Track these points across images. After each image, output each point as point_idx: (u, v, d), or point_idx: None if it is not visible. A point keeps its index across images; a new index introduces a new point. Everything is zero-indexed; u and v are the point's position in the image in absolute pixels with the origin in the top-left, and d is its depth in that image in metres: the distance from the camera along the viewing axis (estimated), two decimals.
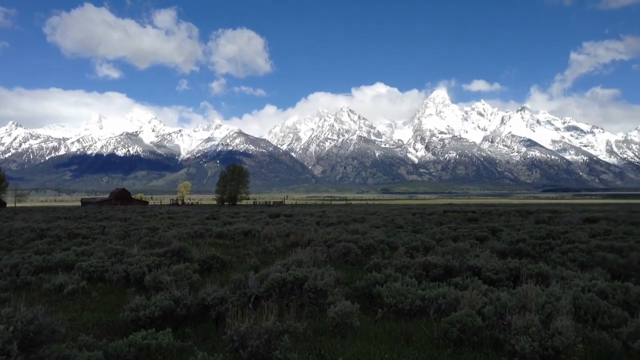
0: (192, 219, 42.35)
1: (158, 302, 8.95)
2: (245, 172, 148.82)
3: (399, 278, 11.21)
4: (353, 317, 8.47)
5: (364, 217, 43.04)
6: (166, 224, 33.52)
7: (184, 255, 15.87)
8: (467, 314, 7.85)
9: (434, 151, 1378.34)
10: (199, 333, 8.72)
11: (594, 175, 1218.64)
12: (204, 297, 9.45)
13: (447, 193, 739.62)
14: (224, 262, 15.28)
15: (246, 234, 25.83)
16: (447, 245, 17.83)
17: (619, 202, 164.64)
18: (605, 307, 8.55)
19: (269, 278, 10.34)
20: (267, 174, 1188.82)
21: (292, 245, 20.37)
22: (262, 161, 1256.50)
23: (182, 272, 12.16)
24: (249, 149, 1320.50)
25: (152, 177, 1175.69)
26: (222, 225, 32.40)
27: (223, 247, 21.01)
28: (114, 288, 12.58)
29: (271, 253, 19.04)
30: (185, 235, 24.44)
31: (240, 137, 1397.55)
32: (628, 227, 26.86)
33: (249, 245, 21.71)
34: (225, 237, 24.77)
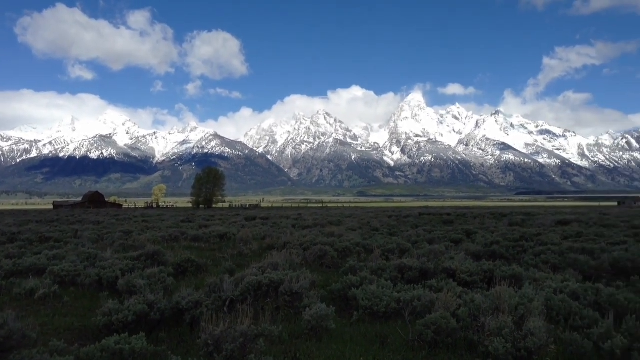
0: (167, 222, 41.95)
1: (131, 307, 8.83)
2: (221, 174, 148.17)
3: (375, 281, 11.24)
4: (329, 320, 8.46)
5: (340, 220, 43.09)
6: (140, 227, 33.13)
7: (158, 259, 15.69)
8: (442, 316, 7.89)
9: (409, 154, 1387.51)
10: (173, 337, 8.62)
11: (566, 178, 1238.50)
12: (178, 301, 9.35)
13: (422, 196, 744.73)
14: (199, 265, 15.16)
15: (222, 237, 25.66)
16: (423, 248, 17.92)
17: (590, 205, 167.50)
18: (577, 308, 8.67)
19: (245, 281, 10.28)
20: (243, 177, 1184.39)
21: (268, 248, 20.28)
22: (238, 164, 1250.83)
23: (156, 275, 12.03)
24: (224, 151, 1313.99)
25: (126, 180, 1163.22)
26: (198, 228, 32.15)
27: (198, 251, 20.84)
28: (87, 292, 12.39)
29: (247, 256, 18.95)
30: (159, 239, 24.19)
31: (216, 140, 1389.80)
32: (599, 230, 27.33)
33: (224, 248, 21.58)
34: (201, 240, 24.58)
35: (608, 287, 10.12)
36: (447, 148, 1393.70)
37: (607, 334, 7.18)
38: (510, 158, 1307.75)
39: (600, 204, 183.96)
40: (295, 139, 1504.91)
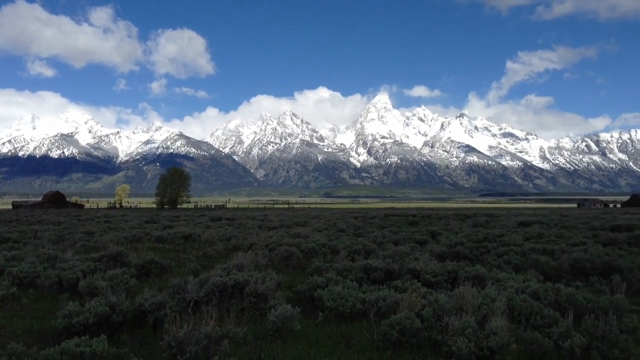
0: (131, 222, 41.33)
1: (92, 309, 8.66)
2: (186, 175, 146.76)
3: (340, 281, 11.27)
4: (294, 321, 8.44)
5: (307, 220, 43.12)
6: (103, 228, 32.57)
7: (121, 260, 15.45)
8: (406, 317, 7.95)
9: (375, 155, 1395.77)
10: (135, 339, 8.48)
11: (528, 180, 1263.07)
12: (141, 302, 9.20)
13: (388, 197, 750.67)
14: (163, 266, 14.97)
15: (187, 237, 25.41)
16: (388, 249, 18.06)
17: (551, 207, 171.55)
18: (538, 307, 8.83)
19: (209, 282, 10.18)
20: (208, 177, 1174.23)
21: (233, 249, 20.16)
22: (203, 164, 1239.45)
23: (118, 277, 11.82)
24: (190, 151, 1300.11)
25: (88, 180, 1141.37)
26: (162, 229, 31.76)
27: (162, 252, 20.59)
28: (46, 294, 12.10)
29: (212, 257, 18.81)
30: (122, 240, 23.81)
31: (181, 140, 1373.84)
32: (560, 231, 27.96)
33: (189, 249, 21.38)
34: (165, 241, 24.29)
35: (568, 287, 10.34)
36: (412, 150, 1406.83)
37: (566, 333, 7.33)
38: (475, 160, 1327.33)
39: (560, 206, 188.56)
40: (261, 139, 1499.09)
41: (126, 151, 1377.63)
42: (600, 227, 30.89)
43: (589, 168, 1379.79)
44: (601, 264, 14.03)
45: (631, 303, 10.26)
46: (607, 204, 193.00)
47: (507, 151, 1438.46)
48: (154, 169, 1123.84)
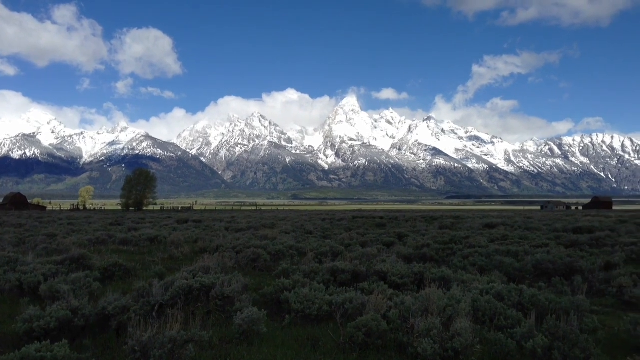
0: (95, 225, 40.61)
1: (54, 313, 8.46)
2: (152, 176, 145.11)
3: (307, 284, 11.25)
4: (260, 324, 8.39)
5: (274, 223, 42.99)
6: (65, 230, 31.90)
7: (84, 263, 15.13)
8: (373, 318, 7.98)
9: (344, 158, 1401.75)
10: (98, 344, 8.32)
11: (494, 183, 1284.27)
12: (104, 306, 9.04)
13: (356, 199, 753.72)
14: (128, 269, 14.72)
15: (152, 240, 25.06)
16: (356, 251, 18.10)
17: (515, 209, 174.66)
18: (502, 308, 8.96)
19: (175, 285, 10.05)
20: (175, 179, 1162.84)
21: (200, 251, 19.96)
22: (170, 166, 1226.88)
23: (81, 280, 11.58)
24: (156, 153, 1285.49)
25: (50, 181, 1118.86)
26: (127, 231, 31.29)
27: (127, 254, 20.25)
28: (6, 298, 11.79)
29: (178, 260, 18.58)
30: (86, 242, 23.34)
31: (147, 141, 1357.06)
32: (523, 232, 28.44)
33: (154, 251, 21.08)
34: (130, 244, 23.91)
35: (531, 288, 10.52)
36: (380, 152, 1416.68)
37: (529, 334, 7.45)
38: (441, 163, 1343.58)
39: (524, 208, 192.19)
40: (229, 141, 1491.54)
41: (90, 152, 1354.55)
42: (563, 229, 31.51)
43: (552, 171, 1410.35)
44: (563, 266, 14.30)
45: (592, 304, 10.51)
46: (569, 206, 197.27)
47: (473, 154, 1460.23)
48: (119, 171, 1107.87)
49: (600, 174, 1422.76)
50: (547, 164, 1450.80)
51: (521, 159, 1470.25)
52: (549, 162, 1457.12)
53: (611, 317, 10.24)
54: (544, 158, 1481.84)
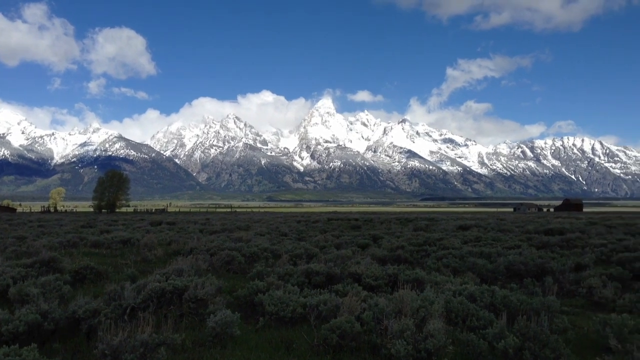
0: (66, 227, 39.97)
1: (23, 316, 8.30)
2: (125, 178, 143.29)
3: (282, 286, 11.22)
4: (234, 327, 8.34)
5: (249, 224, 42.81)
6: (36, 233, 31.33)
7: (54, 266, 14.86)
8: (347, 320, 7.99)
9: (319, 160, 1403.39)
10: (68, 348, 8.19)
11: (467, 185, 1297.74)
12: (74, 309, 8.89)
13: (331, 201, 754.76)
14: (99, 272, 14.50)
15: (125, 242, 24.75)
16: (330, 253, 18.11)
17: (488, 211, 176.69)
18: (474, 309, 9.04)
19: (147, 288, 9.93)
20: (149, 181, 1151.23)
21: (173, 253, 19.79)
22: (144, 167, 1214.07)
23: (51, 283, 11.37)
24: (129, 154, 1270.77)
25: (20, 183, 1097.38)
26: (99, 233, 30.85)
27: (99, 257, 19.97)
28: None
29: (151, 262, 18.39)
30: (57, 245, 22.95)
31: (120, 142, 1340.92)
32: (496, 234, 28.76)
33: (127, 254, 20.82)
34: (102, 246, 23.59)
35: (503, 289, 10.64)
36: (355, 154, 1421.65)
37: (500, 334, 7.54)
38: (416, 165, 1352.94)
39: (497, 210, 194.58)
40: (204, 142, 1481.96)
41: (62, 153, 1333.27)
42: (534, 231, 31.97)
43: (525, 173, 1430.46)
44: (534, 267, 14.50)
45: (562, 304, 10.67)
46: (541, 208, 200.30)
47: (447, 156, 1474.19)
48: (92, 172, 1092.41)
49: (571, 176, 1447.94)
50: (520, 166, 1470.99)
51: (494, 162, 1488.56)
52: (522, 165, 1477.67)
53: (581, 318, 10.41)
54: (516, 161, 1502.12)
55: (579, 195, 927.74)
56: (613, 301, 11.24)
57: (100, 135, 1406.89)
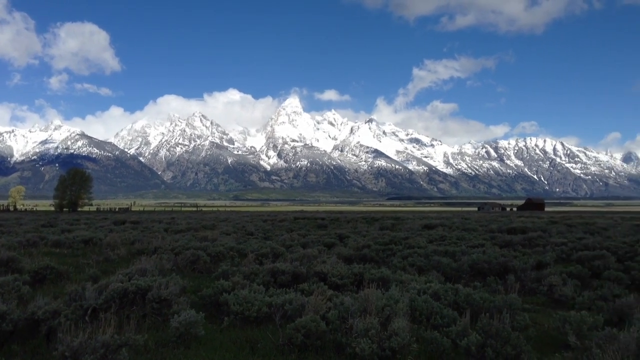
0: (25, 226, 39.05)
1: None
2: (88, 176, 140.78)
3: (247, 285, 11.17)
4: (198, 327, 8.26)
5: (215, 224, 42.52)
6: None
7: (12, 266, 14.51)
8: (312, 319, 7.99)
9: (286, 159, 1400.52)
10: (27, 350, 8.00)
11: (433, 185, 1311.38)
12: (34, 310, 8.67)
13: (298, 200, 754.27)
14: (60, 272, 14.19)
15: (87, 242, 24.29)
16: (297, 252, 18.11)
17: (453, 210, 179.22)
18: (438, 308, 9.15)
19: (109, 288, 9.76)
20: (112, 179, 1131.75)
21: (137, 253, 19.51)
22: (107, 165, 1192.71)
23: (9, 284, 11.08)
24: (92, 152, 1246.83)
25: None
26: (60, 233, 30.21)
27: (60, 257, 19.56)
28: None
29: (114, 262, 18.11)
30: (15, 244, 22.39)
31: (83, 140, 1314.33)
32: (461, 233, 29.17)
33: (89, 254, 20.44)
34: (63, 246, 23.12)
35: (466, 287, 10.79)
36: (322, 153, 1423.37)
37: (463, 332, 7.64)
38: (383, 164, 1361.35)
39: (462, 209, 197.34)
40: (169, 141, 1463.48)
41: (22, 151, 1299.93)
42: (498, 230, 32.53)
43: (489, 173, 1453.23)
44: (497, 265, 14.76)
45: (524, 302, 10.87)
46: (504, 207, 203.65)
47: (413, 156, 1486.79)
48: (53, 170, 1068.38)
49: (534, 176, 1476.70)
50: (484, 166, 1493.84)
51: (459, 162, 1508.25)
52: (486, 165, 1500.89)
53: (542, 315, 10.63)
54: (481, 160, 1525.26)
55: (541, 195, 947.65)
56: (573, 299, 11.49)
57: (62, 132, 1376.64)
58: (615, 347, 6.59)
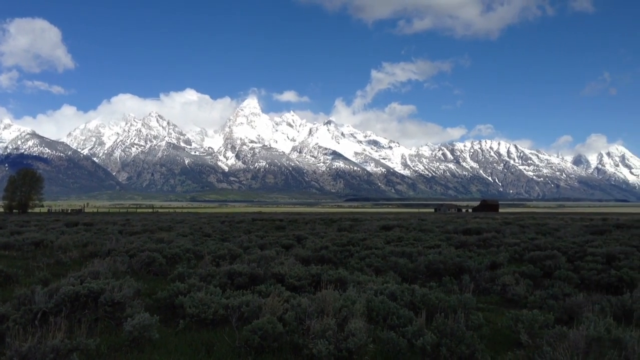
0: None
1: None
2: (39, 177, 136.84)
3: (203, 287, 11.01)
4: (152, 330, 8.10)
5: (171, 225, 41.92)
6: None
7: None
8: (269, 321, 7.93)
9: (244, 160, 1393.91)
10: None
11: (391, 186, 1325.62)
12: None
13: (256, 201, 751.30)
14: (9, 275, 13.73)
15: (37, 244, 23.58)
16: (254, 254, 17.98)
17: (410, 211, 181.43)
18: (395, 308, 9.21)
19: (60, 292, 9.48)
20: (65, 180, 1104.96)
21: (90, 256, 19.03)
22: (59, 166, 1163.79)
23: None
24: (44, 152, 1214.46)
25: None
26: (9, 234, 29.23)
27: (8, 259, 18.96)
28: None
29: (66, 265, 17.63)
30: None
31: (34, 139, 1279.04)
32: (418, 234, 29.49)
33: (39, 257, 19.81)
34: (12, 248, 22.39)
35: (423, 287, 10.90)
36: (281, 155, 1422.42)
37: (419, 332, 7.72)
38: (341, 166, 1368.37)
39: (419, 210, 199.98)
40: (124, 141, 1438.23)
41: None
42: (454, 231, 33.05)
43: (445, 175, 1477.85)
44: (453, 265, 14.98)
45: (478, 301, 11.06)
46: (460, 208, 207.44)
47: (371, 158, 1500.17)
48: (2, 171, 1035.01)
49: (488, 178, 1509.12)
50: (441, 168, 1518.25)
51: (417, 163, 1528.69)
52: (442, 167, 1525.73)
53: (495, 314, 10.82)
54: (437, 162, 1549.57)
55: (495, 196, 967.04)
56: (525, 298, 11.74)
57: (11, 132, 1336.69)
58: (565, 345, 6.74)
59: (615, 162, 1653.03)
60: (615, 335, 6.66)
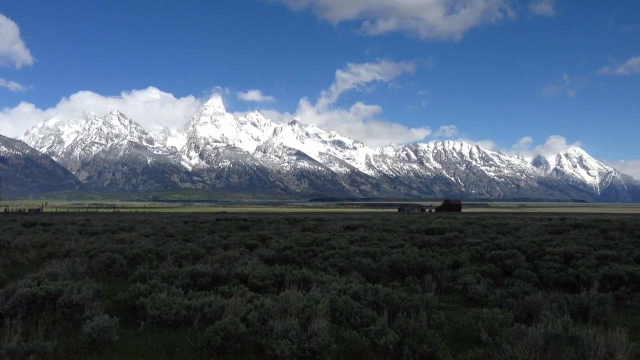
0: None
1: None
2: None
3: (165, 288, 10.88)
4: (112, 332, 7.96)
5: (133, 225, 41.31)
6: None
7: None
8: (231, 322, 7.88)
9: (208, 159, 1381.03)
10: None
11: (355, 186, 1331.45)
12: None
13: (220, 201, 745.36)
14: None
15: None
16: (217, 254, 17.86)
17: (375, 211, 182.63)
18: (358, 308, 9.26)
19: (17, 293, 9.25)
20: (22, 179, 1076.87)
21: (48, 256, 18.63)
22: (16, 165, 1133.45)
23: None
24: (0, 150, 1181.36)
25: None
26: None
27: None
28: None
29: (23, 266, 17.23)
30: None
31: None
32: (381, 234, 29.72)
33: None
34: None
35: (386, 287, 10.99)
36: (245, 154, 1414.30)
37: (382, 331, 7.77)
38: (305, 166, 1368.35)
39: (383, 210, 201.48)
40: (85, 139, 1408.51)
41: None
42: (417, 230, 33.38)
43: (409, 175, 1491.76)
44: (416, 265, 15.13)
45: (440, 300, 11.21)
46: (423, 208, 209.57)
47: (336, 158, 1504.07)
48: None
49: (451, 178, 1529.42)
50: (405, 168, 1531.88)
51: (381, 164, 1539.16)
52: (406, 167, 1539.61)
53: (457, 313, 10.99)
54: (401, 163, 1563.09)
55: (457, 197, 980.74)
56: (486, 296, 11.93)
57: None
58: (524, 342, 6.87)
59: (573, 164, 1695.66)
60: (572, 333, 6.81)
